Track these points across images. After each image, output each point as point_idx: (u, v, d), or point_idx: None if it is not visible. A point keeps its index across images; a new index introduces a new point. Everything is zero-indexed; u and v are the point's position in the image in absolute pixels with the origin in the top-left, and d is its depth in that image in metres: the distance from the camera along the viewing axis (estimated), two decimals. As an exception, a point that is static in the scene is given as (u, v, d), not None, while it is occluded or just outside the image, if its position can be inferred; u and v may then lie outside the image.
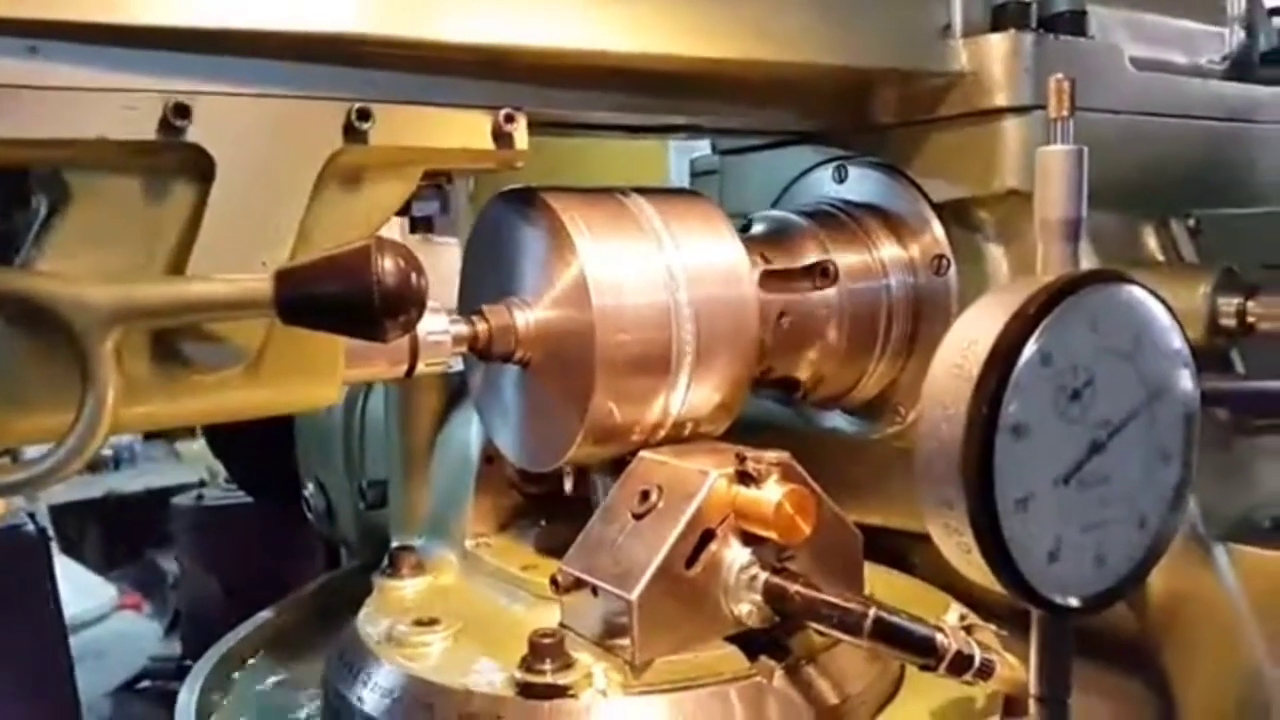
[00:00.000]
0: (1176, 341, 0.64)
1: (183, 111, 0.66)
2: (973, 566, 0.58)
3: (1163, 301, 0.63)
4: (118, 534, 4.46)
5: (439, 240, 1.27)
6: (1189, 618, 0.94)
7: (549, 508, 1.05)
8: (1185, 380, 0.65)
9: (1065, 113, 0.61)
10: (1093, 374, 0.59)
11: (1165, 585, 0.92)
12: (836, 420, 1.12)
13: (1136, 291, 0.61)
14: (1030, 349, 0.56)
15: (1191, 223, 1.07)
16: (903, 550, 1.11)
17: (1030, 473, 0.58)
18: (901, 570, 1.07)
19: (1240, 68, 1.21)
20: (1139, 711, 1.00)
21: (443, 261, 1.04)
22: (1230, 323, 0.94)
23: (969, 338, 0.57)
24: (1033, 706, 0.65)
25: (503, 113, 0.79)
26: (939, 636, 0.72)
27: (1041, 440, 0.58)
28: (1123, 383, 0.61)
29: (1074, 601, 0.61)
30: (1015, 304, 0.57)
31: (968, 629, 0.81)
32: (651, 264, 0.88)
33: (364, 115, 0.72)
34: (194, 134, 0.67)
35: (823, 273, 1.01)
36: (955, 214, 1.01)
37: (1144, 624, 0.96)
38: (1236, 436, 1.00)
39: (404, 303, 0.64)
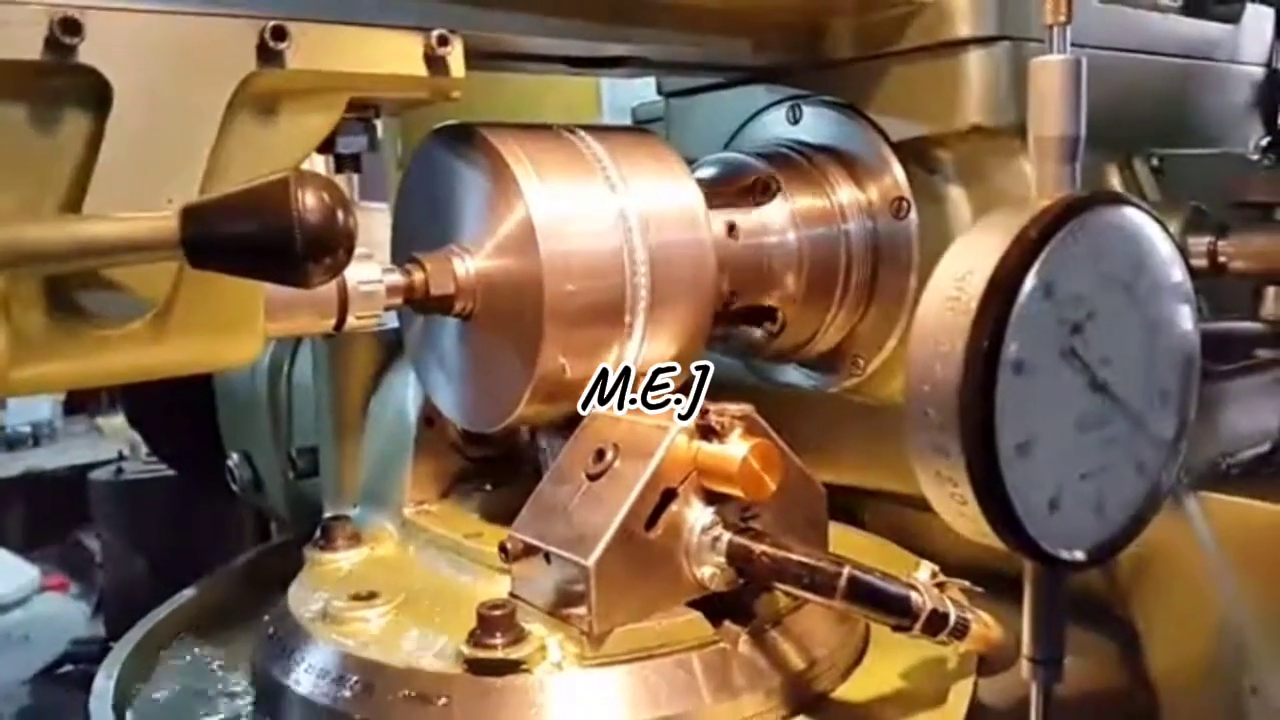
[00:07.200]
0: (1178, 274, 0.60)
1: (72, 28, 0.58)
2: (967, 519, 0.53)
3: (1165, 229, 0.58)
4: (40, 513, 4.37)
5: (368, 205, 1.20)
6: (1159, 568, 0.91)
7: (493, 471, 1.00)
8: (1185, 317, 0.61)
9: (1063, 18, 0.56)
10: (1094, 306, 0.54)
11: (1135, 535, 0.89)
12: (792, 375, 1.08)
13: (1138, 216, 0.57)
14: (1032, 278, 0.51)
15: (1155, 162, 1.03)
16: (852, 508, 1.08)
17: (1031, 415, 0.53)
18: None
19: (1194, 4, 1.17)
20: (1105, 666, 0.98)
21: (373, 228, 0.97)
22: (1201, 263, 0.90)
23: (965, 267, 0.52)
24: (1025, 668, 0.61)
25: (435, 34, 0.71)
26: (914, 595, 0.69)
27: (1043, 379, 0.53)
28: (1122, 317, 0.57)
29: (1078, 555, 0.56)
30: (1014, 229, 0.51)
31: (940, 586, 0.77)
32: (603, 207, 0.82)
33: (280, 34, 0.64)
34: (86, 54, 0.59)
35: (763, 189, 0.96)
36: (915, 154, 0.96)
37: (1111, 576, 0.94)
38: (1204, 381, 0.97)
39: (329, 242, 0.57)
